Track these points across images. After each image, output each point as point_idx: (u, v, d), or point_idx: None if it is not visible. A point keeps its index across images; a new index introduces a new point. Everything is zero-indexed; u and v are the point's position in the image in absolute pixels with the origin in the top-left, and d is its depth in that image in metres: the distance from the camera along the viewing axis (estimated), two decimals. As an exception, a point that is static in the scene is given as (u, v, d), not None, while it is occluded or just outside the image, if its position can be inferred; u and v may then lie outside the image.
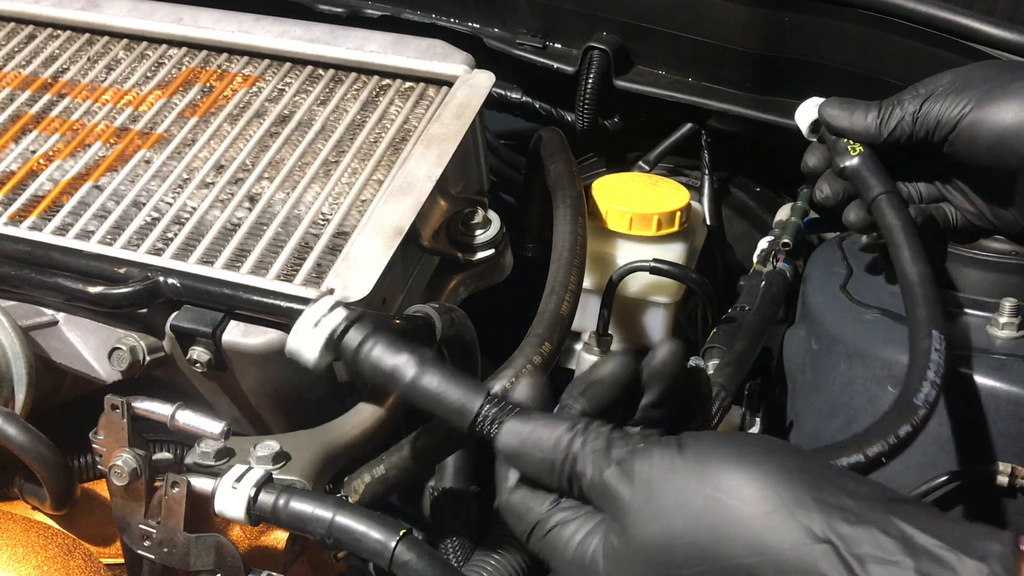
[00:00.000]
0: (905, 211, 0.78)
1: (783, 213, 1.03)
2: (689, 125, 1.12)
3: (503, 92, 1.15)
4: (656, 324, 1.04)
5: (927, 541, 0.44)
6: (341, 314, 0.60)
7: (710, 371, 0.85)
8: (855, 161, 0.81)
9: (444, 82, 0.94)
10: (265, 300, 0.72)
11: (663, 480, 0.50)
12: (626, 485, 0.51)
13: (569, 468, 0.53)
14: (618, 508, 0.51)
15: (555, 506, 0.54)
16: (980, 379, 0.76)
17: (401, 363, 0.58)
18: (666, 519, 0.49)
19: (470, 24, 1.13)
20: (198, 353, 0.73)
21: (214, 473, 0.65)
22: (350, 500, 0.68)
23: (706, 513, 0.48)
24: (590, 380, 0.57)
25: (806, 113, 0.86)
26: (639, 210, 1.00)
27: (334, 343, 0.60)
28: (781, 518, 0.46)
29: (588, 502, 0.53)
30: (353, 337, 0.60)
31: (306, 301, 0.71)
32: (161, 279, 0.74)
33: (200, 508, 0.66)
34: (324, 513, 0.62)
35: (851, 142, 0.82)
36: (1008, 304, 0.78)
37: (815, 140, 0.86)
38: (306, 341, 0.60)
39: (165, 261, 0.77)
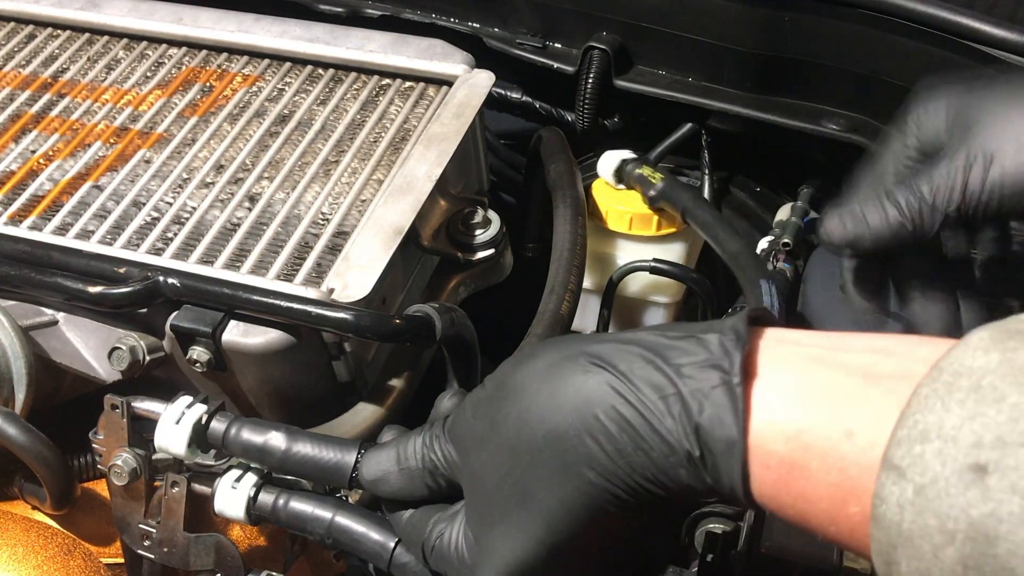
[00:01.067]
0: (710, 206, 0.92)
1: (783, 213, 1.03)
2: (689, 125, 1.12)
3: (503, 92, 1.15)
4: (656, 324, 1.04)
5: (672, 339, 0.47)
6: (200, 408, 0.64)
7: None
8: (660, 186, 0.97)
9: (444, 82, 0.94)
10: (265, 300, 0.72)
11: (475, 420, 0.52)
12: (454, 447, 0.54)
13: (429, 465, 0.55)
14: (459, 472, 0.54)
15: (436, 521, 0.56)
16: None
17: (271, 437, 0.62)
18: (487, 451, 0.51)
19: (470, 24, 1.13)
20: (198, 353, 0.73)
21: (214, 473, 0.65)
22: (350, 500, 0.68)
23: (507, 418, 0.50)
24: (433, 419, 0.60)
25: (607, 164, 1.02)
26: (639, 210, 1.00)
27: (200, 435, 0.63)
28: (558, 374, 0.48)
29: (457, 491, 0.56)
30: (218, 425, 0.63)
31: (306, 301, 0.72)
32: (161, 279, 0.74)
33: (200, 508, 0.66)
34: (324, 513, 0.62)
35: (652, 172, 0.98)
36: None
37: (622, 187, 1.02)
38: (172, 438, 0.63)
39: (165, 261, 0.77)
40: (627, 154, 1.03)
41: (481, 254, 0.87)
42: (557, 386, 0.48)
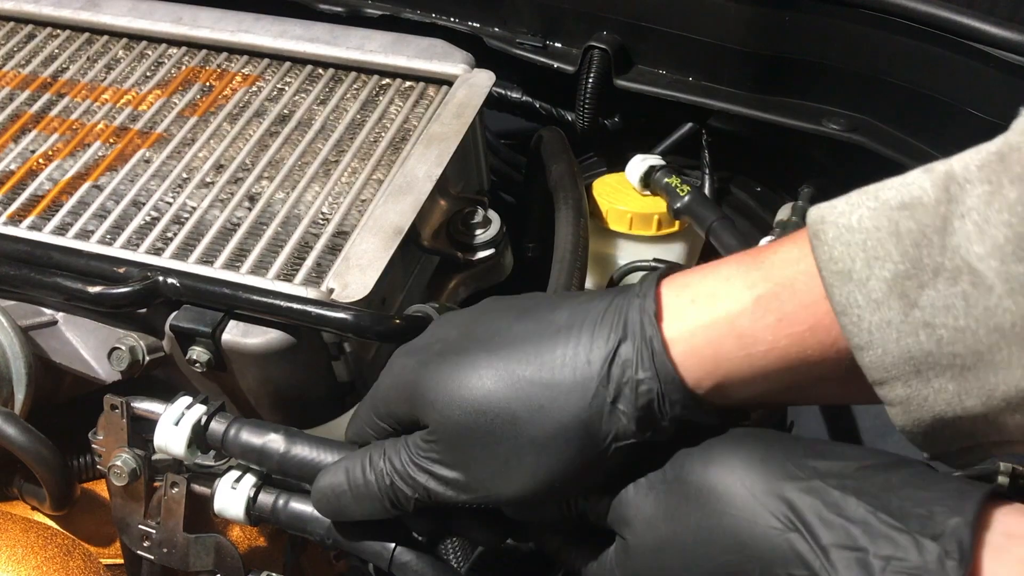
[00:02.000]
0: (735, 230, 0.93)
1: (783, 213, 1.03)
2: (689, 125, 1.12)
3: (503, 91, 1.15)
4: (656, 324, 1.04)
5: (886, 524, 0.44)
6: (200, 409, 0.64)
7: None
8: (686, 199, 0.97)
9: (444, 81, 0.94)
10: (265, 300, 0.72)
11: (653, 504, 0.51)
12: (623, 524, 0.52)
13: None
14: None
15: None
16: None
17: (270, 439, 0.62)
18: (675, 547, 0.50)
19: (470, 23, 1.13)
20: (197, 353, 0.73)
21: (213, 473, 0.65)
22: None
23: (688, 518, 0.49)
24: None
25: (635, 169, 1.01)
26: (639, 210, 1.00)
27: (199, 436, 0.64)
28: (752, 511, 0.46)
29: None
30: (217, 426, 0.63)
31: (306, 301, 0.71)
32: (160, 279, 0.74)
33: (199, 508, 0.66)
34: (324, 514, 0.61)
35: (680, 184, 0.98)
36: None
37: (647, 192, 1.02)
38: (172, 439, 0.63)
39: (165, 261, 0.77)
40: (656, 160, 1.02)
41: (481, 254, 0.87)
42: (746, 527, 0.46)
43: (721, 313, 0.49)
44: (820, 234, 0.46)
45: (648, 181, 1.01)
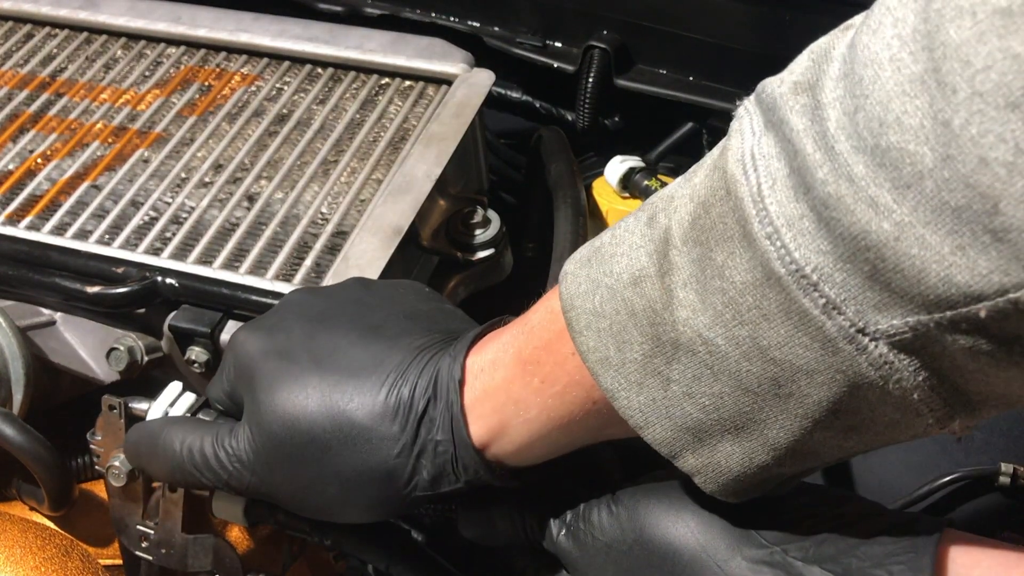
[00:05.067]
0: None
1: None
2: (690, 124, 1.11)
3: (503, 91, 1.14)
4: (656, 324, 1.04)
5: None
6: (190, 398, 0.64)
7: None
8: None
9: (444, 81, 0.94)
10: (264, 300, 0.72)
11: (603, 540, 0.52)
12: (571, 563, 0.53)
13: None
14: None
15: None
16: (982, 379, 0.75)
17: None
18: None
19: (470, 23, 1.13)
20: (196, 353, 0.73)
21: (212, 474, 0.65)
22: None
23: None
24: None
25: (614, 171, 1.00)
26: (639, 210, 1.00)
27: None
28: (720, 568, 0.47)
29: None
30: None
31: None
32: (159, 279, 0.74)
33: (198, 509, 0.66)
34: (322, 514, 0.61)
35: (660, 187, 0.95)
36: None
37: (627, 195, 1.00)
38: None
39: (163, 261, 0.77)
40: (635, 162, 1.01)
41: (481, 254, 0.87)
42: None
43: (499, 382, 0.50)
44: (574, 323, 0.46)
45: (628, 183, 1.00)
